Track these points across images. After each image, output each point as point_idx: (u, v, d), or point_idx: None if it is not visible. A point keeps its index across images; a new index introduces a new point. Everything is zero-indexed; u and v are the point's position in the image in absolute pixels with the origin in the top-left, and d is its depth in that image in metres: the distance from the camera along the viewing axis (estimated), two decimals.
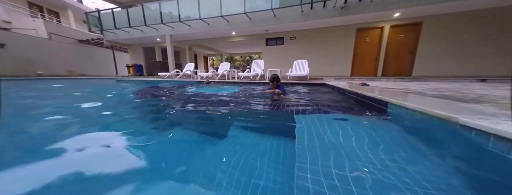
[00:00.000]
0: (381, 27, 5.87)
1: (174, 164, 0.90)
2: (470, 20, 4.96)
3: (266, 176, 0.74)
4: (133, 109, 2.37)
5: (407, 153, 0.91)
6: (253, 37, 7.66)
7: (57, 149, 1.05)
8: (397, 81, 4.76)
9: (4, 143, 1.14)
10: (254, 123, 1.62)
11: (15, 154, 1.04)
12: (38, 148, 1.09)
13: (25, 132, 1.41)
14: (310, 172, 0.71)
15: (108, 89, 4.68)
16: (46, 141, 1.18)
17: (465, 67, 5.23)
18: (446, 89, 2.65)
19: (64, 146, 1.09)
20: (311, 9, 5.42)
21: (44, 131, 1.46)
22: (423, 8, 4.65)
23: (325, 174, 0.70)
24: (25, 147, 1.14)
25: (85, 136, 1.30)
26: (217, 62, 22.44)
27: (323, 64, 6.77)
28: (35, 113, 2.02)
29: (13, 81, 6.37)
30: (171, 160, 0.96)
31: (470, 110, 1.06)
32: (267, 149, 1.00)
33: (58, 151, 1.03)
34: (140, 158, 0.96)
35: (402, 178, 0.67)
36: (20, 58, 8.44)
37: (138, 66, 9.78)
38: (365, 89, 2.45)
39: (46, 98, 3.18)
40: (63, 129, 1.44)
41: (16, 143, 1.19)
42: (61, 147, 1.07)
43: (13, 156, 1.02)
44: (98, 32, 8.32)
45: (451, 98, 1.68)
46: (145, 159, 0.95)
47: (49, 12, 12.38)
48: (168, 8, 6.80)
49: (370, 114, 1.63)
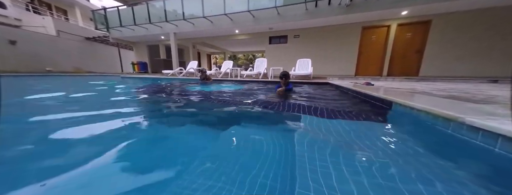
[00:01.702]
0: (387, 26, 5.74)
1: (172, 163, 0.91)
2: (482, 18, 4.78)
3: (266, 175, 0.73)
4: (131, 107, 2.40)
5: (410, 155, 0.89)
6: (256, 35, 7.62)
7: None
8: (403, 81, 4.66)
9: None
10: (254, 121, 1.62)
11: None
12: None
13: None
14: (310, 172, 0.70)
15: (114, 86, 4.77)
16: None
17: (475, 67, 5.06)
18: (455, 89, 2.57)
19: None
20: (315, 7, 5.33)
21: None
22: (432, 6, 4.51)
23: (325, 174, 0.69)
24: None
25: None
26: (221, 60, 22.49)
27: (327, 63, 6.69)
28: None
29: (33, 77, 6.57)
30: (168, 158, 0.97)
31: (477, 110, 1.03)
32: (268, 148, 0.99)
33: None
34: (136, 156, 0.98)
35: (404, 180, 0.66)
36: (30, 54, 8.69)
37: (142, 63, 9.91)
38: (369, 89, 2.40)
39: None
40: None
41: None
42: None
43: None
44: (104, 29, 8.46)
45: (459, 99, 1.63)
46: (143, 157, 0.97)
47: (57, 10, 12.66)
48: (172, 6, 6.83)
49: (374, 114, 1.61)
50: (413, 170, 0.73)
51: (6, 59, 7.88)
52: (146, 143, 1.15)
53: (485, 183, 0.66)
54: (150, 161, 0.90)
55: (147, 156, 0.96)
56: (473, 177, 0.68)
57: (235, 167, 0.78)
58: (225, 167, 0.79)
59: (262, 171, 0.74)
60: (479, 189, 0.61)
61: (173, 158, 0.94)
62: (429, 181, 0.64)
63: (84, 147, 1.05)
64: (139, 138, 1.21)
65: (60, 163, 0.85)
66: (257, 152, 0.93)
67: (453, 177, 0.70)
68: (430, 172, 0.70)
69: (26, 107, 2.17)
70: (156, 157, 0.94)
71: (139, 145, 1.09)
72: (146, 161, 0.90)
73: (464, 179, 0.68)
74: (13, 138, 1.15)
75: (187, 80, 5.91)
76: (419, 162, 0.80)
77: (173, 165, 0.86)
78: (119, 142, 1.09)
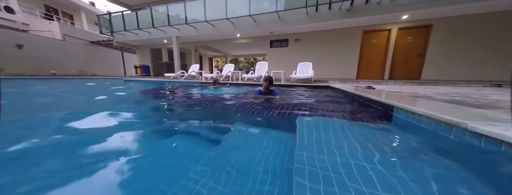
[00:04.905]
0: (388, 30, 5.76)
1: (173, 164, 0.91)
2: (484, 23, 4.78)
3: (264, 178, 0.73)
4: (130, 109, 2.42)
5: (411, 159, 0.88)
6: (257, 39, 7.70)
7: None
8: (405, 85, 4.63)
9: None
10: (254, 125, 1.62)
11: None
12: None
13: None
14: (309, 176, 0.69)
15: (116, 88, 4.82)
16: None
17: (478, 71, 5.02)
18: (457, 93, 2.55)
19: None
20: (316, 11, 5.40)
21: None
22: (433, 10, 4.53)
23: (324, 177, 0.68)
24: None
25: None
26: (222, 63, 22.69)
27: (328, 66, 6.70)
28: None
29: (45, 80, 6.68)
30: (170, 159, 0.97)
31: (480, 116, 1.02)
32: (267, 151, 0.99)
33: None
34: (138, 155, 0.98)
35: (404, 184, 0.65)
36: (36, 58, 8.88)
37: (145, 67, 10.03)
38: (370, 92, 2.39)
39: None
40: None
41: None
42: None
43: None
44: (108, 33, 8.64)
45: (462, 104, 1.61)
46: (143, 157, 0.97)
47: (63, 15, 12.99)
48: (175, 11, 6.97)
49: (375, 118, 1.59)
50: (412, 175, 0.71)
51: (13, 62, 8.06)
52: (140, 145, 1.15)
53: (487, 190, 0.64)
54: (149, 159, 0.89)
55: (144, 154, 0.96)
56: (475, 183, 0.67)
57: (235, 168, 0.78)
58: (225, 167, 0.79)
59: (261, 173, 0.73)
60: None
61: (171, 159, 0.94)
62: (428, 186, 0.63)
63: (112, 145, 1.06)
64: (136, 140, 1.21)
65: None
66: (256, 154, 0.92)
67: (452, 182, 0.69)
68: (428, 178, 0.69)
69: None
70: (154, 155, 0.94)
71: (135, 147, 1.09)
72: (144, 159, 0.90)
73: (465, 185, 0.66)
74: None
75: (188, 83, 5.96)
76: (418, 168, 0.79)
77: (171, 166, 0.85)
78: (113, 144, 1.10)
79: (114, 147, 1.09)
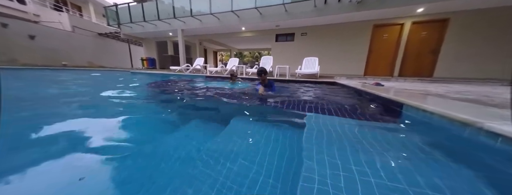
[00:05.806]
0: (401, 24, 5.46)
1: (174, 161, 0.92)
2: (505, 17, 4.43)
3: (268, 174, 0.72)
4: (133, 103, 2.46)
5: (420, 160, 0.85)
6: (263, 32, 7.53)
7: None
8: (415, 82, 4.45)
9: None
10: (259, 119, 1.61)
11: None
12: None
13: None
14: (318, 174, 0.68)
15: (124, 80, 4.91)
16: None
17: (494, 69, 4.72)
18: (471, 92, 2.42)
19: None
20: (325, 3, 5.17)
21: None
22: (451, 3, 4.23)
23: (331, 176, 0.67)
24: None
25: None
26: (226, 57, 22.55)
27: (334, 62, 6.51)
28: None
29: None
30: (170, 156, 0.98)
31: (496, 115, 0.96)
32: (272, 147, 0.98)
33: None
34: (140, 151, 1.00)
35: (412, 184, 0.63)
36: (48, 49, 9.13)
37: (151, 59, 10.12)
38: (379, 89, 2.31)
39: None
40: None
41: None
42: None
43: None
44: (115, 26, 8.70)
45: (476, 102, 1.53)
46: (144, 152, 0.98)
47: (72, 6, 13.13)
48: (180, 3, 6.88)
49: (383, 116, 1.54)
50: (422, 173, 0.69)
51: (25, 53, 8.33)
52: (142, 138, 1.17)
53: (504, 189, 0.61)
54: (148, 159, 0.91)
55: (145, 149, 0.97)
56: (487, 183, 0.64)
57: (238, 165, 0.78)
58: (227, 164, 0.79)
59: (265, 170, 0.73)
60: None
61: (173, 154, 0.95)
62: (437, 186, 0.61)
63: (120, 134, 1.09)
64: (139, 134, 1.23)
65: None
66: (259, 151, 0.92)
67: (464, 183, 0.65)
68: (439, 176, 0.66)
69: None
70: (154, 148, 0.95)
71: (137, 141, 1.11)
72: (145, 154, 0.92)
73: (477, 185, 0.63)
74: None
75: (193, 76, 5.98)
76: (429, 166, 0.76)
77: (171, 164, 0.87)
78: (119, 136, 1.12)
79: (128, 137, 1.12)
